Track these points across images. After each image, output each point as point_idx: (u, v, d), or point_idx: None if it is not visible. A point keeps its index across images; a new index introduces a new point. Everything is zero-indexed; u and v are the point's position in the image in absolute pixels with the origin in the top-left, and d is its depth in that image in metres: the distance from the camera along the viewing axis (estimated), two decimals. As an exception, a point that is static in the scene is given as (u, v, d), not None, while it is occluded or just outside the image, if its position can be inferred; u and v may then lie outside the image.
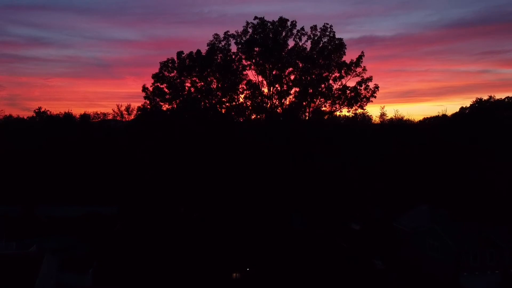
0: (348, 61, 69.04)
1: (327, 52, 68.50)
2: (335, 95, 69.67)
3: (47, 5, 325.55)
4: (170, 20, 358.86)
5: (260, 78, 70.26)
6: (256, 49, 68.74)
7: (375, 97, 69.98)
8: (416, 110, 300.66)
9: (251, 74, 71.11)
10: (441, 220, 51.16)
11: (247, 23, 69.34)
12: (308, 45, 69.73)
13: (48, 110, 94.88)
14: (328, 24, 69.55)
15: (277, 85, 69.65)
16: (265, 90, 70.62)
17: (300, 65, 69.49)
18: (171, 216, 60.78)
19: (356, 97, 68.68)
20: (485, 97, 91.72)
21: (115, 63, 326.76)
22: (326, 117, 71.10)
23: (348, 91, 69.31)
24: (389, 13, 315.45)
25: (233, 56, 69.16)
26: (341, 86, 69.45)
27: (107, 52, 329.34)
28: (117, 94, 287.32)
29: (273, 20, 69.16)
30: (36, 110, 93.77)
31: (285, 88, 69.18)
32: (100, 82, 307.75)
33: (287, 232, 56.98)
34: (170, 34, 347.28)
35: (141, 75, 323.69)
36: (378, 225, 58.03)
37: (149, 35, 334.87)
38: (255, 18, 69.19)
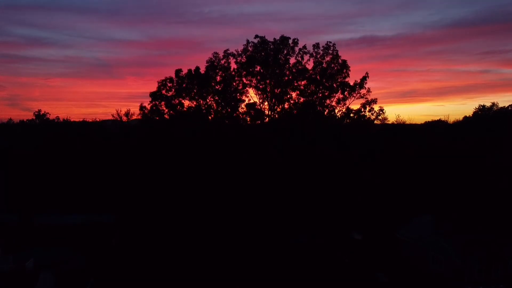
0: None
1: (330, 71, 67.71)
2: (339, 118, 69.02)
3: (47, 5, 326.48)
4: (171, 20, 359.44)
5: (261, 99, 69.93)
6: (257, 68, 68.12)
7: (380, 120, 69.33)
8: (417, 111, 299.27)
9: (252, 91, 70.23)
10: (445, 232, 50.03)
11: (247, 41, 68.87)
12: (311, 64, 69.23)
13: (48, 113, 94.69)
14: (330, 42, 69.21)
15: (278, 108, 69.10)
16: (266, 110, 70.01)
17: (302, 86, 68.71)
18: (171, 228, 59.77)
19: (360, 119, 67.95)
20: (487, 103, 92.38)
21: (116, 63, 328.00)
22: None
23: (352, 114, 68.52)
24: (390, 13, 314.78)
25: (233, 73, 68.46)
26: (344, 109, 68.87)
27: (108, 52, 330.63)
28: (117, 94, 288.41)
29: (274, 39, 68.73)
30: (36, 113, 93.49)
31: (286, 109, 68.66)
32: (101, 82, 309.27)
33: (284, 246, 55.91)
34: (170, 34, 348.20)
35: (142, 75, 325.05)
36: (380, 235, 57.12)
37: (149, 35, 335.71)
38: (256, 36, 68.86)
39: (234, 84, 67.71)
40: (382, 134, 76.11)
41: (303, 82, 68.20)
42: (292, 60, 68.62)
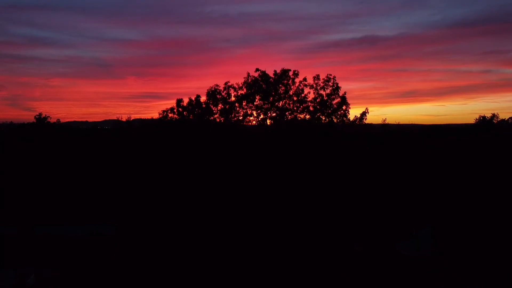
0: (349, 108, 69.72)
1: (330, 102, 69.09)
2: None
3: (48, 5, 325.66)
4: (171, 20, 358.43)
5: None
6: (257, 100, 69.86)
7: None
8: (417, 111, 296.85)
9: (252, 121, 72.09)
10: (446, 247, 49.92)
11: (248, 74, 70.94)
12: (311, 95, 70.64)
13: (49, 116, 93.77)
14: (331, 75, 70.85)
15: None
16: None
17: (302, 117, 70.24)
18: (175, 240, 58.97)
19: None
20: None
21: (116, 63, 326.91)
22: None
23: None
24: (392, 13, 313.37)
25: (233, 99, 70.08)
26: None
27: (108, 52, 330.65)
28: (117, 94, 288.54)
29: (275, 71, 70.42)
30: (37, 116, 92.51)
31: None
32: (101, 82, 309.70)
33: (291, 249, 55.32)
34: (171, 34, 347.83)
35: (142, 75, 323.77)
36: (381, 246, 56.78)
37: (150, 35, 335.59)
38: (257, 70, 70.81)
39: (234, 113, 69.58)
40: (382, 136, 76.05)
41: (303, 115, 69.95)
42: (292, 92, 70.47)
